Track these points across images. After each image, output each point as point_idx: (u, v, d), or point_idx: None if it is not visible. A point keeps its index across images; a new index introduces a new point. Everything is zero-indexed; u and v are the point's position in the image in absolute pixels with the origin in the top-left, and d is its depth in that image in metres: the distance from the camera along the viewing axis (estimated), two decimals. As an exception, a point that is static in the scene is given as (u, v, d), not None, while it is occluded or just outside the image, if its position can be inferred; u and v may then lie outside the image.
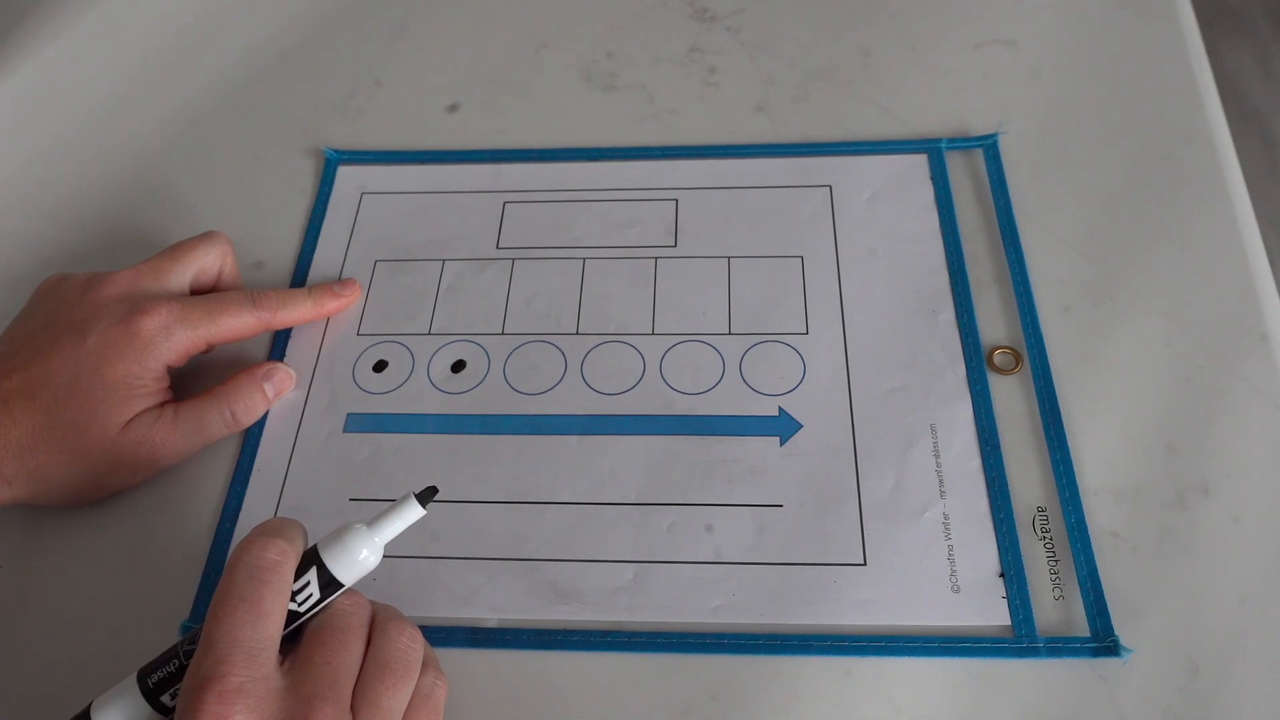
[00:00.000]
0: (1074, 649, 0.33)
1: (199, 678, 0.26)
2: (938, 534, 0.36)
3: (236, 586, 0.28)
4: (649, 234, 0.45)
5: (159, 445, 0.37)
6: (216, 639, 0.27)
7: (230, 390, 0.39)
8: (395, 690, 0.29)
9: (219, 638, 0.27)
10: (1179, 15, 0.50)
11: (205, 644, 0.27)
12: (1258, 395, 0.38)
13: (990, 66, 0.49)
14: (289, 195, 0.48)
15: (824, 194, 0.45)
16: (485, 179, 0.47)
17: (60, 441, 0.35)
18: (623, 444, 0.39)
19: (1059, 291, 0.41)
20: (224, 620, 0.27)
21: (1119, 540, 0.35)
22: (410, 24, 0.55)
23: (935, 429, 0.38)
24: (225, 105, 0.52)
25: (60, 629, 0.36)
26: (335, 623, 0.30)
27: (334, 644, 0.29)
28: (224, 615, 0.27)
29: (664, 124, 0.49)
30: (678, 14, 0.54)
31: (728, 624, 0.34)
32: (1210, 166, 0.44)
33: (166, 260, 0.39)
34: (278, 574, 0.28)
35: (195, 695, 0.26)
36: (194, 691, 0.26)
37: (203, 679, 0.26)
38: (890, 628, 0.34)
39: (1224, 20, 1.45)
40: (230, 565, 0.28)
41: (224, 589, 0.28)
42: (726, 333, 0.41)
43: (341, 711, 0.28)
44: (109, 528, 0.38)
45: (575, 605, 0.35)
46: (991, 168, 0.45)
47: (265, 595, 0.28)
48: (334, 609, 0.30)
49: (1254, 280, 0.41)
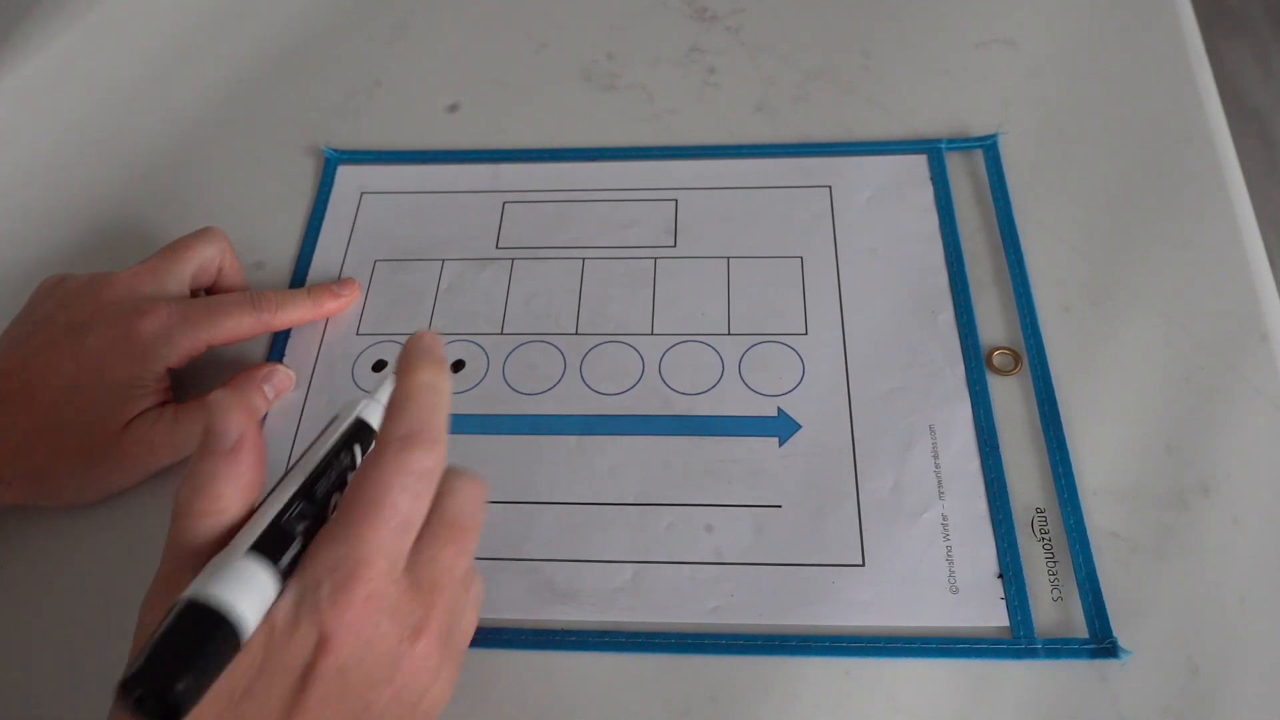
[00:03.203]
0: (1072, 650, 0.33)
1: (345, 575, 0.25)
2: (936, 535, 0.36)
3: (393, 494, 0.26)
4: (648, 234, 0.45)
5: (159, 446, 0.37)
6: (366, 539, 0.25)
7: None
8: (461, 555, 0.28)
9: (369, 539, 0.25)
10: (1179, 15, 0.50)
11: (353, 539, 0.25)
12: (1258, 395, 0.38)
13: (990, 66, 0.49)
14: (289, 195, 0.48)
15: (824, 194, 0.45)
16: (485, 179, 0.47)
17: (60, 443, 0.35)
18: (622, 444, 0.39)
19: (1059, 292, 0.41)
20: (378, 528, 0.26)
21: (1118, 541, 0.35)
22: (410, 24, 0.55)
23: (934, 430, 0.38)
24: (225, 105, 0.52)
25: (60, 629, 0.36)
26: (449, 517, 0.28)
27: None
28: (378, 523, 0.26)
29: (664, 124, 0.49)
30: (678, 14, 0.54)
31: (726, 624, 0.34)
32: (1210, 166, 0.44)
33: (165, 260, 0.39)
34: (432, 486, 0.27)
35: (342, 592, 0.25)
36: (341, 589, 0.25)
37: (348, 577, 0.25)
38: (889, 628, 0.34)
39: (1224, 20, 1.45)
40: (390, 461, 0.26)
41: (380, 486, 0.26)
42: (726, 333, 0.41)
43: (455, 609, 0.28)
44: (109, 528, 0.38)
45: (574, 605, 0.35)
46: (991, 168, 0.45)
47: (418, 510, 0.27)
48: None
49: (1254, 280, 0.41)
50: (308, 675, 0.25)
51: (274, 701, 0.25)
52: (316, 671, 0.25)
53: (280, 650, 0.25)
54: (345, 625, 0.25)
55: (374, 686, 0.26)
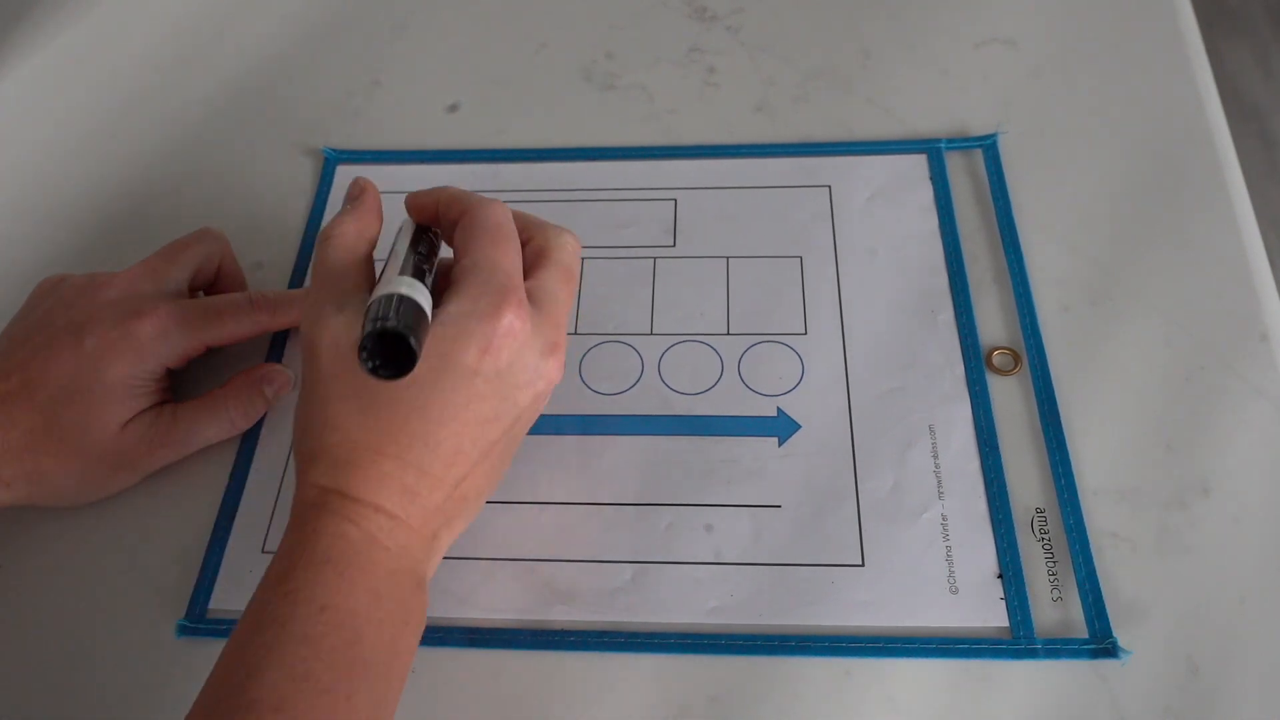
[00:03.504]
0: (1072, 650, 0.33)
1: (499, 288, 0.31)
2: (936, 535, 0.36)
3: (502, 228, 0.33)
4: (648, 234, 0.45)
5: (158, 446, 0.37)
6: (498, 263, 0.31)
7: (229, 393, 0.39)
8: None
9: (500, 261, 0.31)
10: (1179, 15, 0.50)
11: (489, 266, 0.31)
12: (1258, 395, 0.38)
13: (990, 66, 0.49)
14: (289, 195, 0.48)
15: (823, 194, 0.45)
16: (485, 179, 0.47)
17: (59, 443, 0.35)
18: (621, 444, 0.39)
19: (1059, 291, 0.41)
20: (500, 250, 0.32)
21: (1118, 541, 0.35)
22: (410, 24, 0.55)
23: (934, 430, 0.38)
24: (225, 105, 0.52)
25: (57, 628, 0.36)
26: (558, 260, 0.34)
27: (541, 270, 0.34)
28: (500, 246, 0.32)
29: (664, 124, 0.49)
30: (678, 14, 0.54)
31: (726, 624, 0.34)
32: (1210, 166, 0.44)
33: (163, 260, 0.39)
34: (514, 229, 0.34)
35: (501, 293, 0.30)
36: (500, 292, 0.30)
37: (504, 284, 0.31)
38: (888, 629, 0.34)
39: (1224, 20, 1.45)
40: (487, 212, 0.33)
41: (489, 227, 0.32)
42: (725, 333, 0.41)
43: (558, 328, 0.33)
44: (108, 528, 0.38)
45: (573, 605, 0.35)
46: (991, 168, 0.45)
47: (515, 232, 0.33)
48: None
49: (1254, 280, 0.41)
50: (473, 372, 0.30)
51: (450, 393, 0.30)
52: (480, 370, 0.30)
53: (452, 348, 0.30)
54: (501, 332, 0.30)
55: (520, 388, 0.31)
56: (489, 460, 0.32)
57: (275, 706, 0.25)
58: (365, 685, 0.27)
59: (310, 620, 0.27)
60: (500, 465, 0.33)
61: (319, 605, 0.27)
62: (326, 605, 0.27)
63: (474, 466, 0.31)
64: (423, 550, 0.31)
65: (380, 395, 0.30)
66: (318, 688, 0.26)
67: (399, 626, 0.29)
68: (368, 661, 0.27)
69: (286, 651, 0.26)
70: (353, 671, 0.27)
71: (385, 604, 0.29)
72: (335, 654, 0.27)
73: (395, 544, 0.30)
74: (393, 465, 0.30)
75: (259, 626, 0.27)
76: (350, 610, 0.28)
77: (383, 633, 0.28)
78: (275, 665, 0.26)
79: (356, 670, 0.27)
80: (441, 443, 0.30)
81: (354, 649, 0.27)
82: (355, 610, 0.28)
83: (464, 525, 0.33)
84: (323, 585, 0.28)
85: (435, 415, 0.30)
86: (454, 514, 0.32)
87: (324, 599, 0.27)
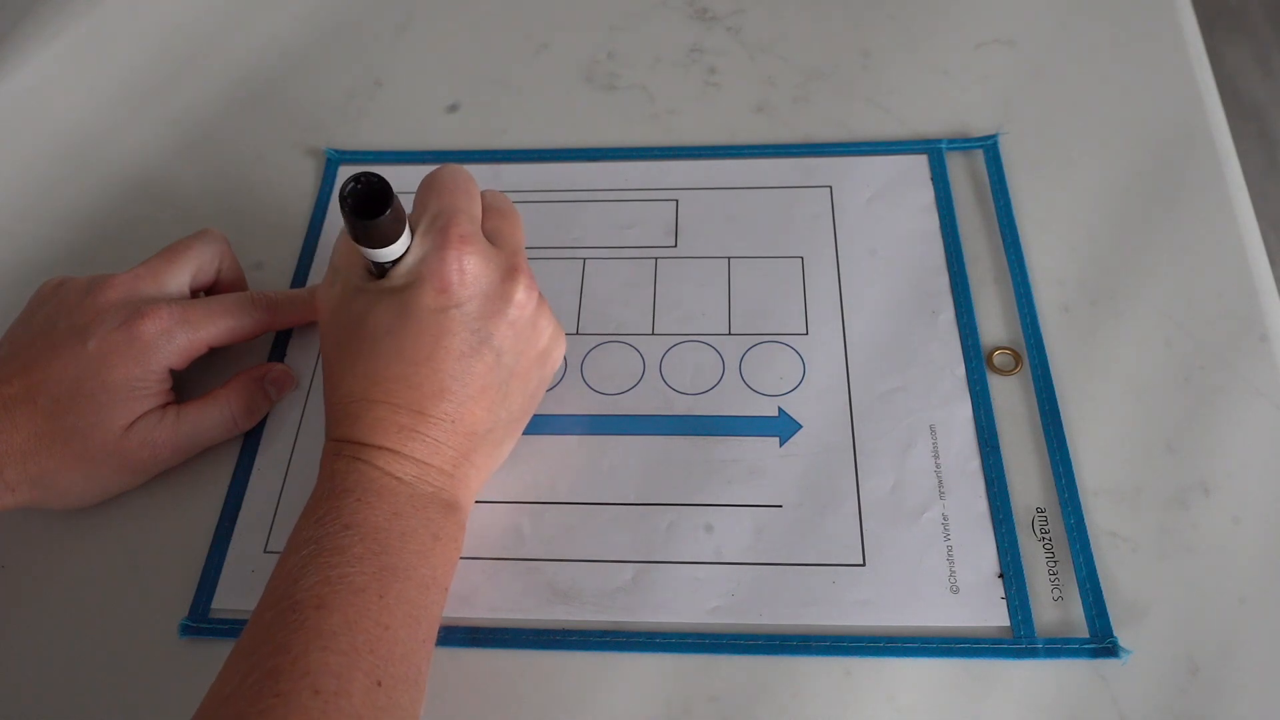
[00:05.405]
0: (1073, 650, 0.33)
1: (440, 229, 0.33)
2: (937, 534, 0.36)
3: (453, 178, 0.35)
4: (649, 234, 0.45)
5: (161, 447, 0.37)
6: (445, 206, 0.34)
7: (232, 392, 0.39)
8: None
9: (446, 205, 0.34)
10: (1179, 15, 0.50)
11: (435, 210, 0.34)
12: (1258, 395, 0.38)
13: (990, 66, 0.49)
14: (289, 195, 0.48)
15: (824, 194, 0.45)
16: (485, 179, 0.47)
17: (62, 446, 0.35)
18: (622, 444, 0.39)
19: (1059, 291, 0.41)
20: (448, 196, 0.34)
21: (1118, 540, 0.35)
22: (411, 24, 0.55)
23: (934, 429, 0.38)
24: (226, 105, 0.52)
25: (60, 629, 0.36)
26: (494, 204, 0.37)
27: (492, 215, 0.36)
28: (447, 193, 0.34)
29: (664, 124, 0.49)
30: (678, 14, 0.54)
31: (727, 624, 0.35)
32: (1210, 166, 0.44)
33: (164, 262, 0.39)
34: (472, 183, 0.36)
35: (443, 232, 0.33)
36: (442, 231, 0.33)
37: (445, 223, 0.33)
38: (889, 628, 0.34)
39: (1224, 20, 1.45)
40: (438, 170, 0.36)
41: (440, 181, 0.35)
42: (726, 333, 0.41)
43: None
44: (109, 528, 0.38)
45: (574, 605, 0.35)
46: (991, 168, 0.45)
47: (474, 186, 0.36)
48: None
49: (1254, 280, 0.41)
50: (436, 310, 0.32)
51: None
52: (441, 306, 0.32)
53: (412, 294, 0.32)
54: (451, 268, 0.32)
55: (488, 318, 0.33)
56: (487, 396, 0.33)
57: (317, 604, 0.28)
58: (396, 588, 0.30)
59: (338, 535, 0.30)
60: (503, 400, 0.34)
61: (344, 524, 0.30)
62: (351, 524, 0.30)
63: (469, 402, 0.33)
64: (442, 479, 0.33)
65: (363, 347, 0.32)
66: (352, 588, 0.29)
67: (427, 541, 0.32)
68: (396, 568, 0.30)
69: (320, 560, 0.29)
70: (382, 576, 0.30)
71: (408, 520, 0.31)
72: (364, 561, 0.30)
73: (409, 475, 0.32)
74: (384, 410, 0.32)
75: (295, 548, 0.30)
76: (374, 526, 0.31)
77: (408, 545, 0.31)
78: (312, 572, 0.29)
79: (386, 575, 0.30)
80: (423, 382, 0.32)
81: (381, 558, 0.30)
82: (378, 525, 0.31)
83: (489, 461, 0.35)
84: (348, 509, 0.31)
85: (410, 357, 0.32)
86: (466, 448, 0.34)
87: (348, 519, 0.31)
